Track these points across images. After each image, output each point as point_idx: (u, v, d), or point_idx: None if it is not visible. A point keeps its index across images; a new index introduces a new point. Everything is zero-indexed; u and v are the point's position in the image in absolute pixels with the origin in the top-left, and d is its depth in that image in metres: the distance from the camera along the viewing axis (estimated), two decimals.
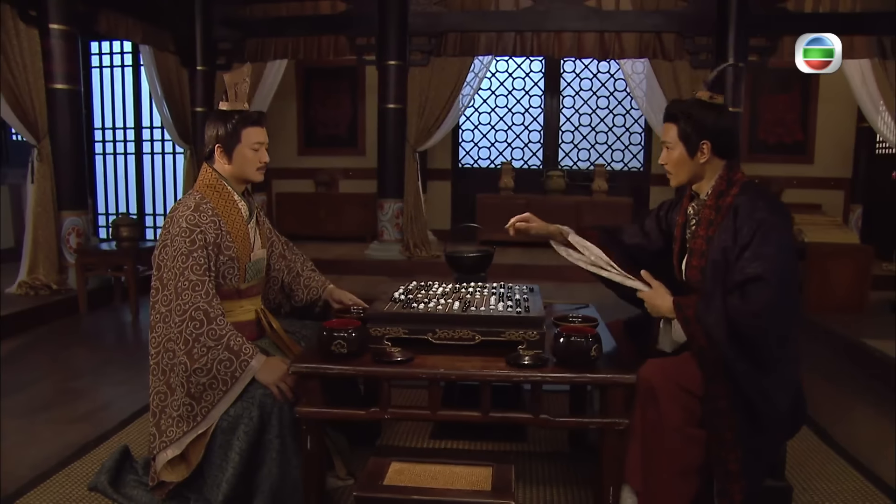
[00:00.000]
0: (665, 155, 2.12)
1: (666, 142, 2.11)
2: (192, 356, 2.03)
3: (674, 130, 2.08)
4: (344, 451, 2.42)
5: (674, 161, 2.10)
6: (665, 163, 2.13)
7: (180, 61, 6.94)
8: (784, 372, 1.97)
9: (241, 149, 2.21)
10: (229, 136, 2.20)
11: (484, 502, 1.64)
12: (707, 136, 2.03)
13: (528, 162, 8.81)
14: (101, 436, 2.83)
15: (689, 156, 2.06)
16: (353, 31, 6.93)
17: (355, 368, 1.91)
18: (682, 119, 2.06)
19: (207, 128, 2.23)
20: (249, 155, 2.22)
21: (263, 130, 2.24)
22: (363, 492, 1.63)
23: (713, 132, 2.03)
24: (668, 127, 2.10)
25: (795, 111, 7.91)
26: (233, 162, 2.22)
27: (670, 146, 2.10)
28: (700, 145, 2.04)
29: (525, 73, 8.65)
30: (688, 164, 2.08)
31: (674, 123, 2.08)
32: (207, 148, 2.24)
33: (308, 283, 2.57)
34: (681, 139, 2.06)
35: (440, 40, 6.91)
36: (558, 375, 1.88)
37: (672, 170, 2.12)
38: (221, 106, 2.27)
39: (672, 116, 2.09)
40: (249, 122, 2.21)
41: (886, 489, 2.44)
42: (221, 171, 2.25)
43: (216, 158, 2.24)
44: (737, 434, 1.92)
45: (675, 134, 2.07)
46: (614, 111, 8.59)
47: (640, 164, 8.64)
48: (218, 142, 2.21)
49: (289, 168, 8.54)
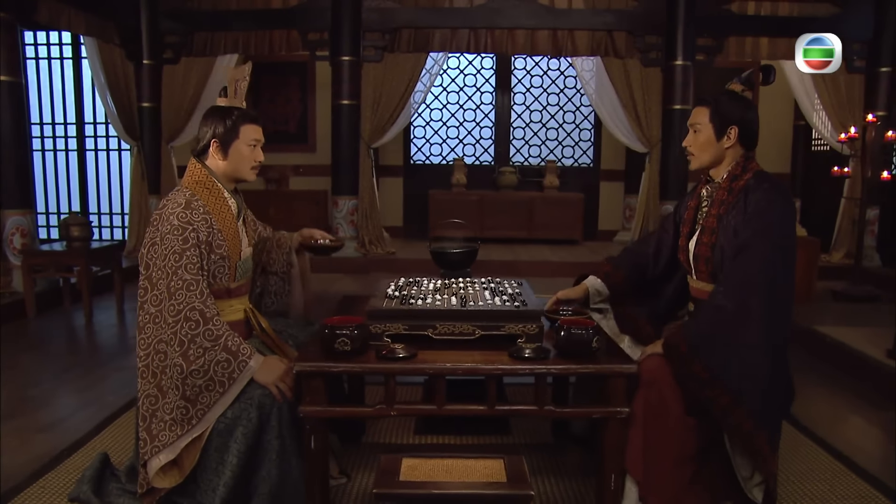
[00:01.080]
0: (691, 137, 2.21)
1: (696, 123, 2.19)
2: (188, 358, 1.98)
3: (706, 114, 2.17)
4: (337, 450, 2.40)
5: (700, 143, 2.19)
6: (689, 144, 2.22)
7: (125, 54, 6.69)
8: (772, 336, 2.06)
9: (238, 145, 2.17)
10: (227, 132, 2.15)
11: (505, 493, 1.65)
12: (735, 123, 2.14)
13: (480, 158, 8.88)
14: (72, 444, 2.71)
15: (716, 138, 2.16)
16: (304, 25, 6.83)
17: (361, 366, 1.89)
18: (714, 103, 2.16)
19: (203, 123, 2.18)
20: (246, 152, 2.18)
21: (260, 129, 2.21)
22: (383, 488, 1.62)
23: (741, 120, 2.15)
24: (700, 110, 2.19)
25: None
26: (228, 158, 2.18)
27: (699, 128, 2.18)
28: (728, 130, 2.15)
29: (476, 70, 8.70)
30: (713, 147, 2.17)
31: (706, 107, 2.18)
32: (202, 143, 2.18)
33: (280, 240, 2.53)
34: (711, 122, 2.16)
35: (394, 36, 6.88)
36: (563, 367, 1.91)
37: (696, 151, 2.21)
38: (220, 102, 2.22)
39: (705, 101, 2.19)
40: (248, 119, 2.18)
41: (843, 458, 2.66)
42: (214, 168, 2.20)
43: (211, 154, 2.18)
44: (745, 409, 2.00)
45: (707, 117, 2.17)
46: (564, 108, 8.74)
47: (589, 160, 8.81)
48: (215, 137, 2.15)
49: None
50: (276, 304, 2.53)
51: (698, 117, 2.21)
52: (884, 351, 3.56)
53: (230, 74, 2.24)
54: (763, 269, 2.05)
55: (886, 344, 3.58)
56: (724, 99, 2.18)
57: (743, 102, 2.19)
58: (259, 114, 2.26)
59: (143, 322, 2.07)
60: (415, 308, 2.08)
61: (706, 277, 2.23)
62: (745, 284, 2.04)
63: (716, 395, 2.01)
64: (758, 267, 2.05)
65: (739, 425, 2.01)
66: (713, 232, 2.19)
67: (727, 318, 2.02)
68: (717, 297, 2.07)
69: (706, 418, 2.07)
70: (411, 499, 1.65)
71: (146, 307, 2.06)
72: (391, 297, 2.22)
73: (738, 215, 2.13)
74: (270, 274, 2.51)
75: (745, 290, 2.03)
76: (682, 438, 2.07)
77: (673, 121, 6.72)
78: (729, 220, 2.15)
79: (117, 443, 2.75)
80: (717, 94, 2.22)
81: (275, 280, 2.51)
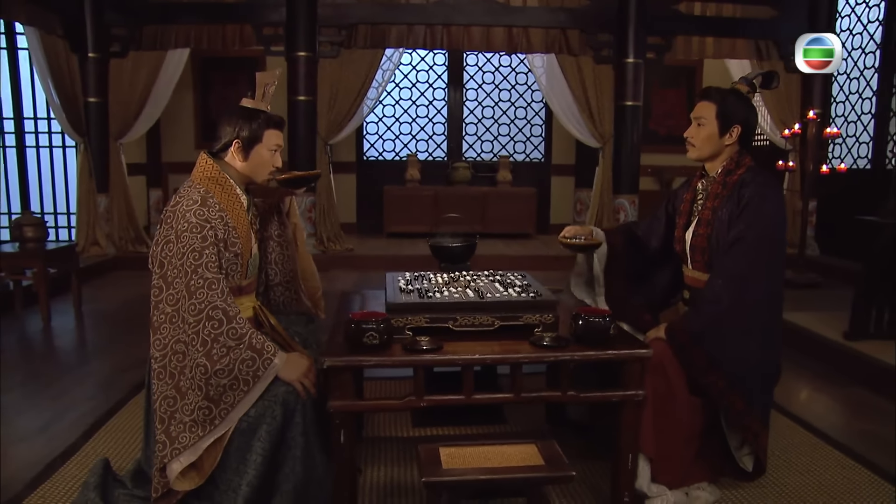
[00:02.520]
0: (694, 129, 2.31)
1: (700, 117, 2.29)
2: (212, 357, 1.95)
3: (712, 109, 2.26)
4: None
5: (703, 136, 2.29)
6: (692, 136, 2.32)
7: (70, 46, 6.40)
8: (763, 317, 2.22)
9: (259, 149, 2.15)
10: (251, 135, 2.13)
11: (548, 475, 1.71)
12: (740, 122, 2.25)
13: (433, 154, 8.93)
14: (64, 452, 2.62)
15: (719, 134, 2.27)
16: (258, 20, 6.72)
17: (392, 358, 1.92)
18: (721, 101, 2.26)
19: (227, 122, 2.15)
20: (266, 156, 2.17)
21: (282, 134, 2.20)
22: (432, 477, 1.65)
23: (745, 120, 2.26)
24: (706, 105, 2.28)
25: (682, 105, 8.55)
26: (249, 160, 2.16)
27: (704, 122, 2.28)
28: (731, 128, 2.26)
29: (429, 66, 8.74)
30: (714, 142, 2.28)
31: (713, 103, 2.27)
32: (223, 141, 2.15)
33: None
34: (717, 118, 2.25)
35: (350, 32, 6.85)
36: (584, 354, 1.99)
37: (697, 143, 2.31)
38: (245, 103, 2.19)
39: (712, 97, 2.28)
40: (273, 123, 2.17)
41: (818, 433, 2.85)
42: (231, 167, 2.17)
43: (231, 154, 2.15)
44: (740, 390, 2.15)
45: (713, 112, 2.26)
46: (516, 104, 8.88)
47: (541, 155, 8.99)
48: (238, 138, 2.13)
49: (187, 162, 8.07)
50: (280, 274, 2.42)
51: (704, 111, 2.30)
52: (840, 333, 3.81)
53: (259, 78, 2.23)
54: (757, 261, 2.19)
55: (842, 327, 3.83)
56: (731, 98, 2.28)
57: (747, 103, 2.30)
58: (283, 120, 2.24)
59: (158, 322, 2.03)
60: (435, 301, 2.12)
61: (702, 267, 2.36)
62: (741, 276, 2.18)
63: (714, 379, 2.15)
64: (752, 258, 2.19)
65: (734, 406, 2.16)
66: (709, 224, 2.31)
67: (724, 308, 2.16)
68: (714, 287, 2.20)
69: (707, 399, 2.20)
70: (460, 485, 1.68)
71: (161, 307, 2.02)
72: (406, 291, 2.25)
73: (732, 208, 2.25)
74: (267, 239, 2.40)
75: (740, 282, 2.17)
76: (688, 418, 2.20)
77: (625, 117, 6.93)
78: (723, 213, 2.27)
79: (110, 448, 2.68)
80: (722, 92, 2.31)
81: (272, 245, 2.41)
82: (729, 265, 2.19)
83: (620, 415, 2.06)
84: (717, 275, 2.22)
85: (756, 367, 2.19)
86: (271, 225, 2.41)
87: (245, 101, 2.23)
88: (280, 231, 2.41)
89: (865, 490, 2.41)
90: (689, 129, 2.35)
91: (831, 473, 2.52)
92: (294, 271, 2.46)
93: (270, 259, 2.41)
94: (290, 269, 2.45)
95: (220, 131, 2.17)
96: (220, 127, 2.18)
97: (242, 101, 2.23)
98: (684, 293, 2.51)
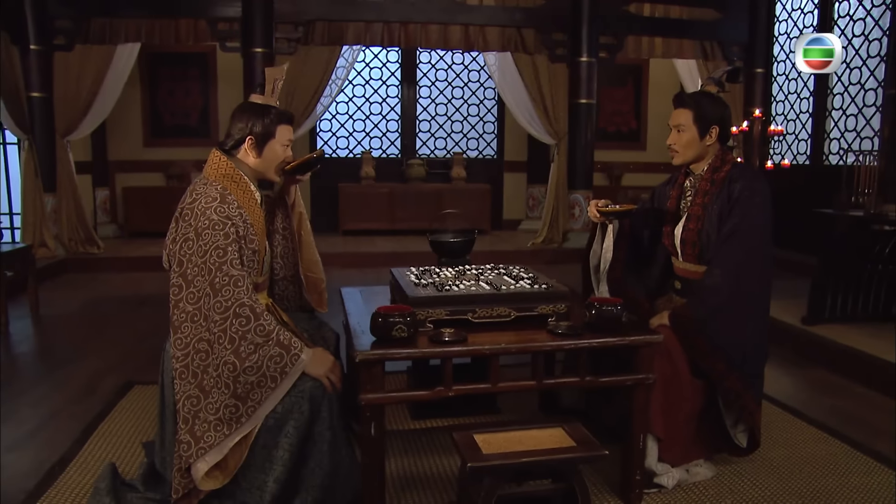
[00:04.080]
0: (675, 136, 2.43)
1: (679, 125, 2.41)
2: (240, 355, 1.95)
3: (689, 115, 2.39)
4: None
5: (684, 142, 2.41)
6: (674, 143, 2.44)
7: (10, 38, 6.11)
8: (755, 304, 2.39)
9: (273, 144, 2.16)
10: (264, 131, 2.14)
11: (585, 455, 1.80)
12: (717, 122, 2.39)
13: (387, 151, 8.94)
14: (60, 460, 2.55)
15: (699, 137, 2.39)
16: (213, 15, 6.59)
17: (422, 350, 1.96)
18: (696, 106, 2.38)
19: (238, 119, 2.15)
20: (280, 152, 2.18)
21: (292, 129, 2.21)
22: (477, 462, 1.71)
23: (721, 120, 2.40)
24: (682, 112, 2.40)
25: (629, 103, 8.85)
26: (262, 156, 2.16)
27: (683, 129, 2.40)
28: (710, 129, 2.39)
29: (382, 63, 8.74)
30: (696, 145, 2.41)
31: (689, 109, 2.39)
32: (235, 138, 2.15)
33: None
34: (695, 122, 2.38)
35: (308, 28, 6.80)
36: (602, 341, 2.08)
37: (680, 149, 2.43)
38: (255, 99, 2.19)
39: (687, 103, 2.40)
40: (285, 119, 2.18)
41: (793, 410, 3.03)
42: (244, 163, 2.17)
43: (244, 150, 2.15)
44: (738, 372, 2.30)
45: (691, 118, 2.38)
46: (469, 101, 8.98)
47: (493, 152, 9.12)
48: (251, 135, 2.13)
49: (135, 160, 7.91)
50: (285, 268, 2.43)
51: (681, 118, 2.42)
52: (799, 319, 4.07)
53: (268, 73, 2.23)
54: (752, 251, 2.35)
55: (800, 313, 4.09)
56: (704, 101, 2.41)
57: (720, 102, 2.45)
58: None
59: (178, 321, 2.01)
60: (454, 294, 2.18)
61: (693, 259, 2.49)
62: (738, 265, 2.32)
63: (714, 362, 2.30)
64: (748, 249, 2.34)
65: (732, 387, 2.31)
66: (699, 219, 2.44)
67: (724, 297, 2.31)
68: (714, 277, 2.33)
69: (707, 381, 2.34)
70: (503, 469, 1.75)
71: (182, 305, 2.01)
72: (422, 285, 2.30)
73: (722, 203, 2.39)
74: (273, 233, 2.41)
75: (738, 271, 2.32)
76: (691, 399, 2.33)
77: (579, 114, 7.14)
78: (714, 208, 2.41)
79: (108, 453, 2.62)
80: (695, 97, 2.44)
81: (278, 239, 2.42)
82: (727, 256, 2.33)
83: (632, 398, 2.17)
84: (715, 265, 2.35)
85: (752, 350, 2.34)
86: (277, 218, 2.42)
87: (254, 96, 2.23)
88: (286, 224, 2.42)
89: (843, 460, 2.60)
90: (670, 137, 2.47)
91: (810, 446, 2.71)
92: (297, 264, 2.46)
93: (276, 253, 2.42)
94: (293, 263, 2.45)
95: (231, 128, 2.18)
96: (230, 124, 2.18)
97: (251, 98, 2.24)
98: (675, 283, 2.64)
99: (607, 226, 2.57)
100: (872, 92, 6.10)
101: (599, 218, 2.54)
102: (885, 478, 2.46)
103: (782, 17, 7.34)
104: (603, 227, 2.60)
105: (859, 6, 6.29)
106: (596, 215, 2.53)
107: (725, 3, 7.23)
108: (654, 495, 2.28)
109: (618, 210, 2.50)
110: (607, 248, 2.58)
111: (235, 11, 6.52)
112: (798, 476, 2.46)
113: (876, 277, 4.01)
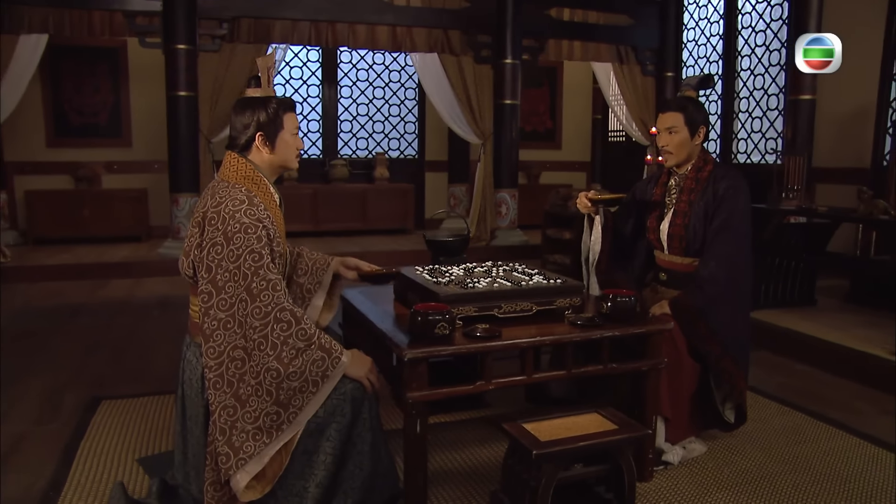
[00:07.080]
0: (668, 138, 2.61)
1: (673, 127, 2.59)
2: (282, 360, 1.91)
3: (680, 117, 2.58)
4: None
5: (677, 142, 2.60)
6: (667, 144, 2.62)
7: None
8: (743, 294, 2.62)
9: (283, 135, 2.10)
10: (272, 123, 2.07)
11: (633, 436, 1.93)
12: (703, 123, 2.61)
13: (309, 152, 8.79)
14: (54, 482, 2.39)
15: (690, 137, 2.59)
16: (130, 7, 6.25)
17: (466, 346, 2.02)
18: (685, 109, 2.58)
19: (241, 116, 2.07)
20: (291, 141, 2.13)
21: (296, 116, 2.17)
22: (542, 449, 1.78)
23: (706, 121, 2.63)
24: (673, 115, 2.59)
25: (545, 103, 9.17)
26: (276, 150, 2.10)
27: (676, 130, 2.59)
28: (698, 129, 2.59)
29: (302, 63, 8.59)
30: (688, 145, 2.61)
31: (679, 112, 2.58)
32: (244, 137, 2.08)
33: (312, 259, 2.46)
34: (686, 124, 2.57)
35: (233, 25, 6.59)
36: (622, 330, 2.22)
37: (674, 150, 2.61)
38: (252, 93, 2.11)
39: (675, 107, 2.60)
40: (288, 106, 2.12)
41: (770, 396, 3.31)
42: (259, 162, 2.11)
43: (256, 148, 2.08)
44: (732, 355, 2.51)
45: (682, 120, 2.58)
46: (390, 101, 8.99)
47: (415, 152, 9.18)
48: (260, 130, 2.07)
49: (37, 162, 7.35)
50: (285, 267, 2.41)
51: (674, 121, 2.62)
52: None
53: (261, 63, 2.15)
54: (740, 243, 2.57)
55: None
56: (691, 105, 2.63)
57: (702, 106, 2.69)
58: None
59: (210, 329, 1.95)
60: (481, 291, 2.24)
61: (679, 252, 2.69)
62: (730, 256, 2.54)
63: (712, 347, 2.50)
64: (736, 241, 2.56)
65: (726, 368, 2.52)
66: (685, 215, 2.64)
67: (721, 286, 2.52)
68: (710, 268, 2.53)
69: (704, 363, 2.54)
70: (565, 454, 1.83)
71: (212, 313, 1.94)
72: (443, 283, 2.34)
73: (708, 200, 2.60)
74: (294, 284, 2.43)
75: (729, 262, 2.53)
76: (690, 380, 2.51)
77: (504, 114, 7.33)
78: (700, 204, 2.61)
79: (101, 472, 2.48)
80: (682, 100, 2.66)
81: (296, 288, 2.43)
82: (719, 249, 2.53)
83: (645, 382, 2.32)
84: (709, 257, 2.54)
85: (742, 335, 2.56)
86: (308, 279, 2.43)
87: (250, 91, 2.14)
88: (311, 288, 2.43)
89: (808, 429, 2.90)
90: (661, 139, 2.66)
91: (777, 419, 2.99)
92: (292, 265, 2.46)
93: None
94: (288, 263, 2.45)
95: (236, 129, 2.10)
96: (232, 122, 2.11)
97: (248, 92, 2.14)
98: (661, 275, 2.82)
99: (594, 218, 2.73)
100: (775, 97, 6.69)
101: (589, 207, 2.69)
102: (846, 441, 2.77)
103: (690, 24, 7.87)
104: (590, 219, 2.75)
105: (759, 19, 6.88)
106: (586, 205, 2.69)
107: (638, 10, 7.67)
108: (662, 472, 2.45)
109: (608, 197, 2.66)
110: (596, 240, 2.73)
111: (155, 5, 6.22)
112: (776, 445, 2.72)
113: (802, 266, 4.43)
